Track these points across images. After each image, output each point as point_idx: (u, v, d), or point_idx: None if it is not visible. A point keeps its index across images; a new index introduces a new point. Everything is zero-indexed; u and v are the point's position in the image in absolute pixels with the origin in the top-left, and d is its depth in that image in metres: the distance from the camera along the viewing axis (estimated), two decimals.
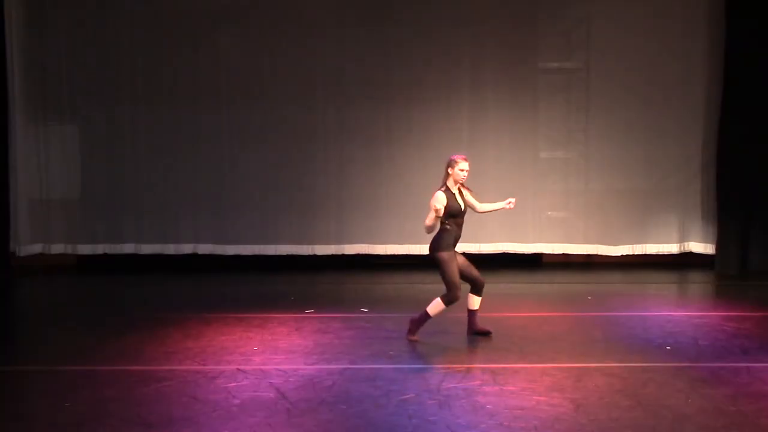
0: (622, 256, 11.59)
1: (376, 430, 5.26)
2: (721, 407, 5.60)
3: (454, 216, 7.35)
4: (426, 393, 5.91)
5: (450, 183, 7.41)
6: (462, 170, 7.36)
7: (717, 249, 11.21)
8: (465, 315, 7.69)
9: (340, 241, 11.59)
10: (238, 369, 6.52)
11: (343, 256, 11.62)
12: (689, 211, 11.53)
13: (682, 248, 11.59)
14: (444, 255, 7.36)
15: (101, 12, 11.40)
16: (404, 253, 11.60)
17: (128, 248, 11.58)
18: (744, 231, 11.09)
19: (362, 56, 11.46)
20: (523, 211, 11.59)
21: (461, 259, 7.54)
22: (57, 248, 11.62)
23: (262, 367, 6.59)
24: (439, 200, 7.30)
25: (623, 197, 11.59)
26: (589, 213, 11.62)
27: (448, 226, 7.36)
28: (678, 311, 8.82)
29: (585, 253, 11.66)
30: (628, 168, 11.51)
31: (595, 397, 5.81)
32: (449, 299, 7.28)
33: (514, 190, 11.48)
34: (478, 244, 11.56)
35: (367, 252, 11.64)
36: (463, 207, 7.43)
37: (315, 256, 11.57)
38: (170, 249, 11.59)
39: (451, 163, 7.40)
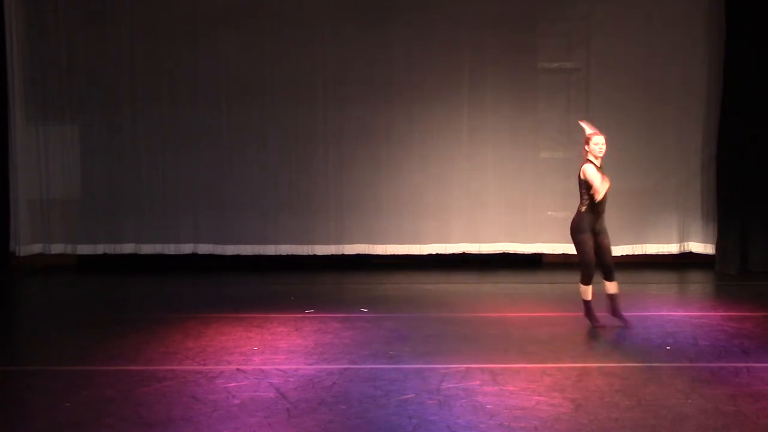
0: (621, 256, 11.57)
1: (376, 430, 5.26)
2: (721, 407, 5.60)
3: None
4: (426, 393, 5.91)
5: (591, 158, 7.46)
6: (597, 144, 7.43)
7: (717, 249, 11.21)
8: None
9: (340, 241, 11.58)
10: (238, 369, 6.53)
11: (343, 256, 11.61)
12: (689, 211, 11.53)
13: (682, 248, 11.58)
14: (581, 236, 7.59)
15: (101, 12, 11.40)
16: (404, 253, 11.60)
17: (128, 248, 11.58)
18: (744, 231, 11.09)
19: (362, 56, 11.46)
20: (523, 211, 11.61)
21: (598, 240, 7.62)
22: (57, 248, 11.61)
23: (262, 367, 6.58)
24: (594, 174, 7.33)
25: (623, 197, 11.53)
26: None
27: (584, 208, 7.56)
28: (678, 311, 8.82)
29: None
30: (627, 168, 11.48)
31: (595, 397, 5.81)
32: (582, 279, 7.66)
33: (514, 190, 11.55)
34: (478, 244, 11.58)
35: (367, 252, 11.63)
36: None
37: (315, 256, 11.57)
38: (170, 249, 11.58)
39: (586, 140, 7.48)
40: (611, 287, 7.81)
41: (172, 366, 6.63)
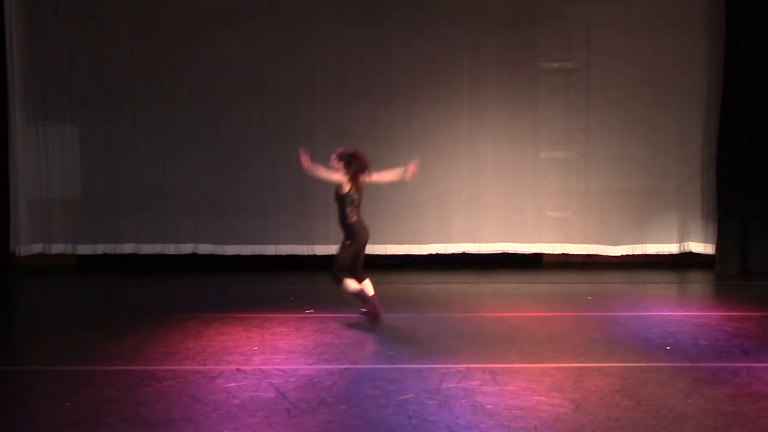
0: (621, 256, 11.59)
1: (376, 430, 5.26)
2: (721, 407, 5.60)
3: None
4: (426, 393, 5.92)
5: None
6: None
7: (717, 249, 11.21)
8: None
9: (339, 241, 11.55)
10: (238, 369, 6.53)
11: None
12: (689, 210, 11.53)
13: (682, 248, 11.59)
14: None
15: (101, 12, 11.40)
16: (404, 253, 11.60)
17: (128, 248, 11.58)
18: (744, 231, 11.09)
19: (362, 56, 11.46)
20: (523, 211, 11.61)
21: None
22: (57, 248, 11.62)
23: (262, 367, 6.59)
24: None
25: (623, 197, 11.59)
26: (589, 213, 11.62)
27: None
28: (678, 311, 8.82)
29: (585, 253, 11.66)
30: (628, 168, 11.51)
31: (595, 397, 5.81)
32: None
33: (514, 190, 11.56)
34: (478, 244, 11.58)
35: (367, 252, 11.59)
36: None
37: (315, 256, 11.56)
38: (170, 249, 11.59)
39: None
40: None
41: (172, 366, 6.63)
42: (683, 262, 11.59)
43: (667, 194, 11.52)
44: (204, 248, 11.61)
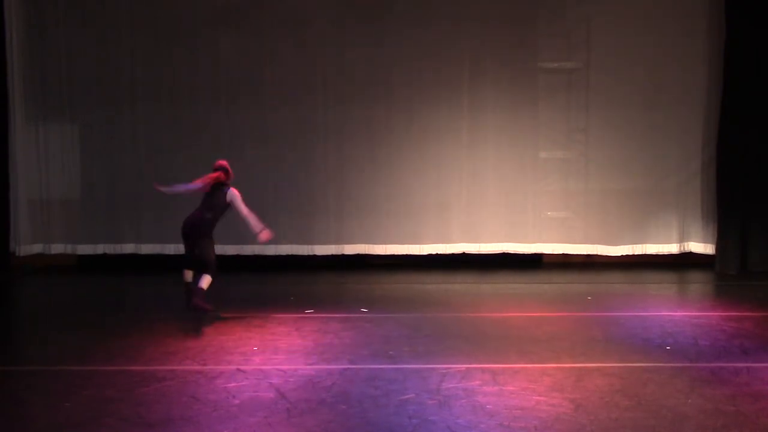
0: (622, 256, 11.60)
1: (376, 430, 5.26)
2: (721, 407, 5.60)
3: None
4: (426, 393, 5.92)
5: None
6: None
7: (717, 249, 11.21)
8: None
9: (339, 241, 11.59)
10: (238, 369, 6.53)
11: (343, 256, 11.61)
12: (689, 210, 11.54)
13: (682, 248, 11.59)
14: (210, 240, 8.68)
15: (101, 12, 11.41)
16: (404, 253, 11.60)
17: (128, 248, 11.58)
18: (744, 231, 11.09)
19: (362, 56, 11.46)
20: (523, 211, 11.62)
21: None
22: (57, 248, 11.62)
23: (262, 367, 6.59)
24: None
25: (623, 197, 11.59)
26: (589, 213, 11.62)
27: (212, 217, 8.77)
28: (678, 311, 8.82)
29: (585, 253, 11.66)
30: (628, 168, 11.51)
31: (595, 397, 5.81)
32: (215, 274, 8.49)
33: (514, 190, 11.56)
34: (478, 244, 11.59)
35: (367, 252, 11.64)
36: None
37: (315, 256, 11.57)
38: (170, 249, 11.57)
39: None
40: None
41: (172, 366, 6.63)
42: (683, 262, 11.59)
43: (667, 194, 11.53)
44: None
